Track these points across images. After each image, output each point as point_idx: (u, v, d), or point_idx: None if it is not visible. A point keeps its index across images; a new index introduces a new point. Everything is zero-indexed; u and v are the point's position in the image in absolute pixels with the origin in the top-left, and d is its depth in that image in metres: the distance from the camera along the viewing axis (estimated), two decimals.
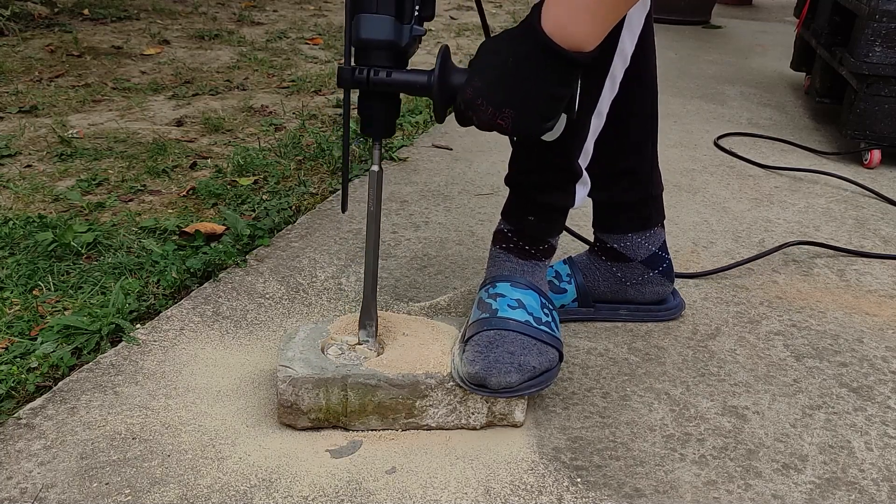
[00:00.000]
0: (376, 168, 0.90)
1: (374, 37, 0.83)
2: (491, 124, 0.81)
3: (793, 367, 1.09)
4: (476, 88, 0.81)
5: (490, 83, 0.80)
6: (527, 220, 0.99)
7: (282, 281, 1.24)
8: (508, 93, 0.79)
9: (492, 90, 0.80)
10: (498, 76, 0.80)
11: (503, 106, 0.80)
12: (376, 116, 0.88)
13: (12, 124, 1.99)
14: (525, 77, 0.79)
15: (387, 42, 0.83)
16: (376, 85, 0.84)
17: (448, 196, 1.62)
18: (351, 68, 0.84)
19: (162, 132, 1.99)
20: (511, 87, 0.79)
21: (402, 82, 0.84)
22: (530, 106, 0.80)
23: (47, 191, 1.59)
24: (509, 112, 0.80)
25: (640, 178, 1.11)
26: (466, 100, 0.81)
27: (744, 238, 1.49)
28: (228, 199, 1.57)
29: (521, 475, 0.86)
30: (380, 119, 0.88)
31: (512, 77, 0.79)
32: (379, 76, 0.84)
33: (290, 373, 0.90)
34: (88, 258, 1.32)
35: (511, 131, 0.82)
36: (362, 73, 0.84)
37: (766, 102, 2.53)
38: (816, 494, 0.86)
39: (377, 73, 0.84)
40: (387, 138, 0.89)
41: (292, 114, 2.18)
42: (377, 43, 0.83)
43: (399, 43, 0.83)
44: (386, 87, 0.85)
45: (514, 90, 0.79)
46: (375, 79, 0.84)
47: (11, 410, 0.93)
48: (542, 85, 0.79)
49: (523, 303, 0.95)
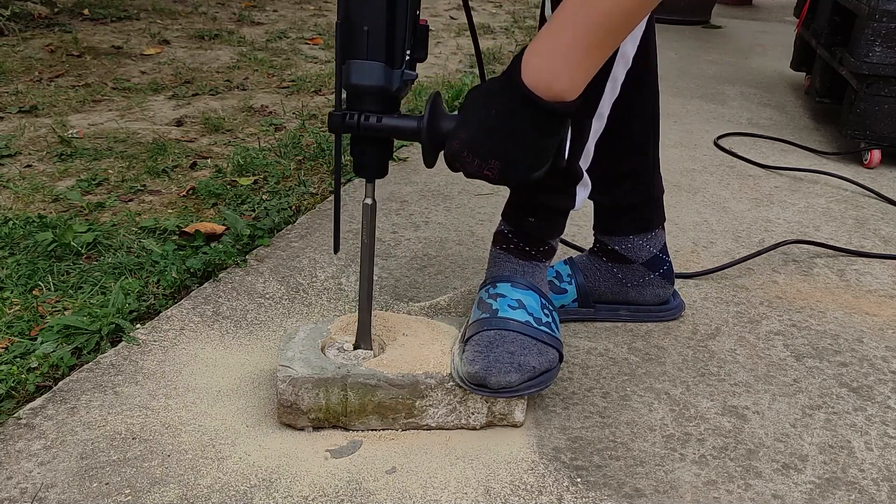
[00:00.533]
0: (369, 201, 0.90)
1: (364, 83, 0.83)
2: (478, 175, 0.82)
3: (793, 366, 1.09)
4: (462, 140, 0.81)
5: (475, 136, 0.80)
6: (527, 221, 0.99)
7: (282, 281, 1.24)
8: (493, 145, 0.79)
9: (477, 143, 0.80)
10: (483, 129, 0.80)
11: (489, 157, 0.80)
12: (368, 159, 0.88)
13: (12, 124, 1.99)
14: (509, 130, 0.79)
15: (377, 88, 0.83)
16: (367, 130, 0.85)
17: (448, 196, 1.62)
18: (342, 113, 0.84)
19: (162, 132, 1.99)
20: (496, 140, 0.79)
21: (392, 128, 0.85)
22: (516, 157, 0.80)
23: (47, 191, 1.59)
24: (496, 163, 0.80)
25: (642, 180, 1.11)
26: (453, 152, 0.82)
27: (744, 238, 1.49)
28: (228, 199, 1.57)
29: (521, 475, 0.86)
30: (372, 162, 0.89)
31: (496, 130, 0.79)
32: (369, 121, 0.84)
33: (289, 373, 0.90)
34: (88, 258, 1.32)
35: (497, 181, 0.82)
36: (353, 118, 0.84)
37: (766, 102, 2.53)
38: (816, 494, 0.86)
39: (368, 118, 0.84)
40: (379, 179, 0.90)
41: (292, 114, 2.18)
42: (368, 89, 0.84)
43: (389, 88, 0.84)
44: (376, 132, 0.85)
45: (499, 143, 0.79)
46: (366, 124, 0.84)
47: (11, 410, 0.93)
48: (527, 137, 0.79)
49: (524, 303, 0.95)
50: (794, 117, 2.37)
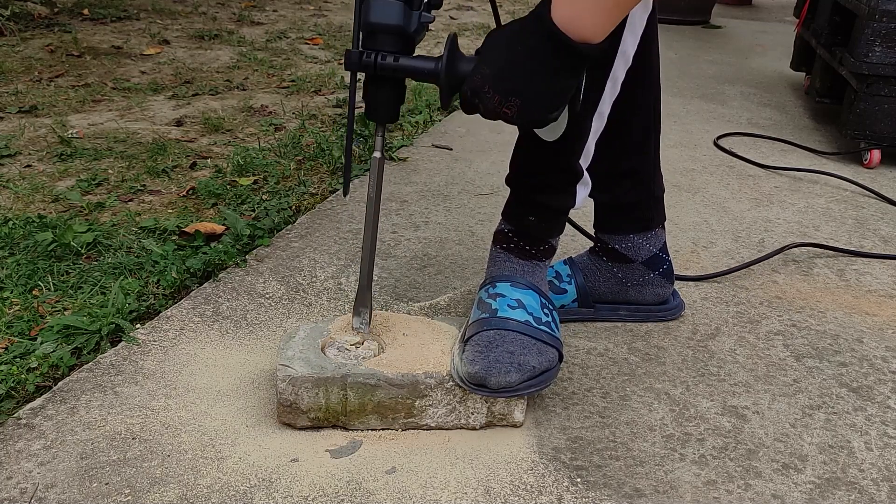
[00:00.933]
0: (378, 154, 0.90)
1: (382, 21, 0.83)
2: (497, 112, 0.82)
3: (793, 367, 1.09)
4: (484, 76, 0.81)
5: (498, 71, 0.80)
6: (527, 220, 0.99)
7: (282, 281, 1.24)
8: (516, 82, 0.80)
9: (499, 78, 0.80)
10: (506, 65, 0.80)
11: (510, 95, 0.80)
12: (381, 101, 0.87)
13: (12, 124, 1.99)
14: (533, 67, 0.79)
15: (395, 27, 0.83)
16: (383, 69, 0.84)
17: (448, 196, 1.62)
18: (359, 52, 0.84)
19: (162, 132, 1.99)
20: (519, 77, 0.79)
21: (410, 68, 0.84)
22: (537, 96, 0.80)
23: (47, 191, 1.59)
24: (515, 101, 0.80)
25: (643, 179, 1.11)
26: (474, 87, 0.82)
27: (744, 238, 1.49)
28: (228, 199, 1.57)
29: (521, 475, 0.86)
30: (384, 104, 0.88)
31: (520, 66, 0.79)
32: (386, 61, 0.84)
33: (289, 372, 0.90)
34: (88, 258, 1.32)
35: (516, 120, 0.82)
36: (370, 57, 0.84)
37: (766, 102, 2.53)
38: (816, 494, 0.86)
39: (384, 57, 0.84)
40: (390, 124, 0.89)
41: (292, 114, 2.18)
42: (386, 27, 0.83)
43: (407, 28, 0.83)
44: (393, 71, 0.84)
45: (522, 79, 0.79)
46: (383, 63, 0.84)
47: (11, 410, 0.93)
48: (550, 75, 0.79)
49: (523, 303, 0.95)
50: (794, 117, 2.37)
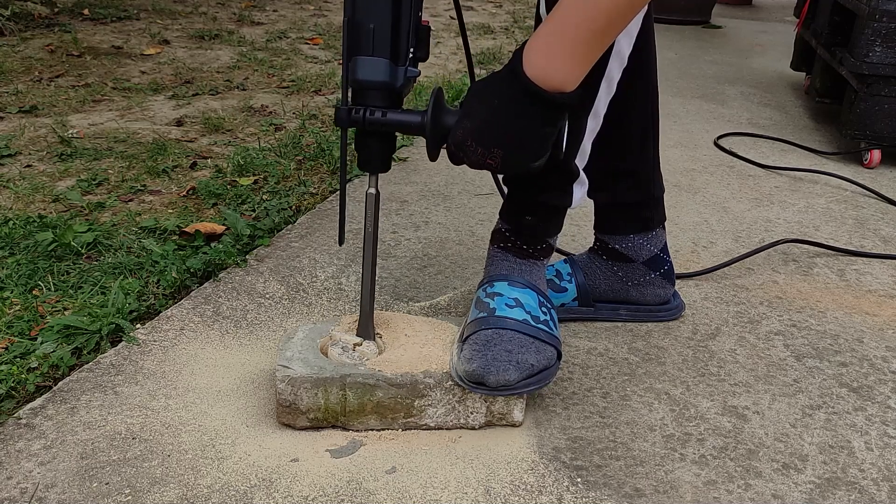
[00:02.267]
0: (373, 191, 0.92)
1: (370, 78, 0.86)
2: (481, 164, 0.85)
3: (793, 366, 1.09)
4: (466, 130, 0.84)
5: (479, 126, 0.83)
6: (524, 219, 0.99)
7: (282, 281, 1.24)
8: (497, 135, 0.83)
9: (481, 132, 0.83)
10: (486, 119, 0.83)
11: (492, 146, 0.83)
12: (373, 154, 0.90)
13: (12, 124, 1.99)
14: (512, 119, 0.82)
15: (382, 83, 0.86)
16: (372, 125, 0.87)
17: (448, 196, 1.62)
18: (347, 108, 0.87)
19: (162, 132, 1.99)
20: (499, 130, 0.82)
21: (397, 122, 0.87)
22: (518, 146, 0.83)
23: (47, 191, 1.59)
24: (498, 152, 0.83)
25: (642, 179, 1.10)
26: (457, 141, 0.85)
27: (744, 238, 1.49)
28: (228, 199, 1.57)
29: (522, 475, 0.86)
30: (376, 156, 0.91)
31: (499, 120, 0.82)
32: (374, 116, 0.87)
33: (288, 372, 0.90)
34: (88, 258, 1.32)
35: (500, 170, 0.86)
36: (358, 112, 0.87)
37: (766, 102, 2.53)
38: (816, 494, 0.86)
39: (373, 112, 0.86)
40: (383, 173, 0.92)
41: (292, 114, 2.18)
42: (373, 84, 0.86)
43: (394, 84, 0.86)
44: (381, 126, 0.87)
45: (502, 132, 0.83)
46: (371, 118, 0.87)
47: (11, 410, 0.93)
48: (529, 126, 0.82)
49: (521, 301, 0.95)
50: (794, 117, 2.37)
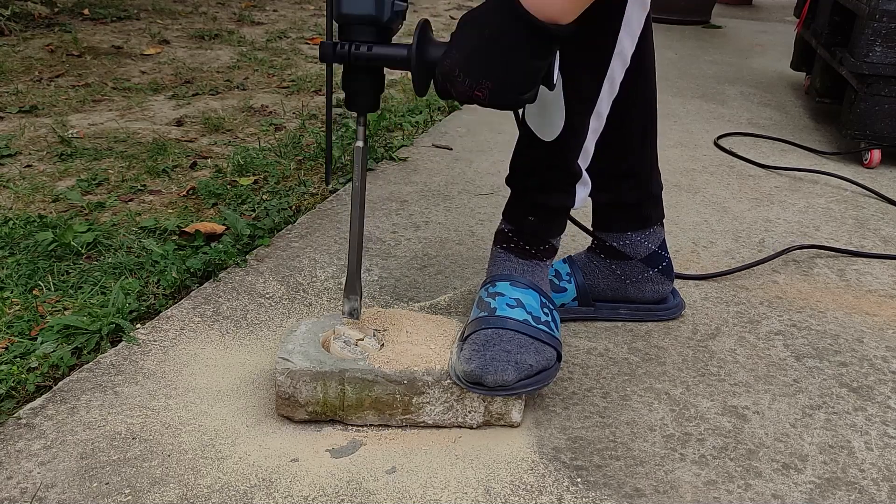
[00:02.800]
0: (360, 143, 0.90)
1: (355, 11, 0.83)
2: (469, 96, 0.81)
3: (793, 366, 1.09)
4: (453, 60, 0.81)
5: (467, 55, 0.80)
6: (527, 220, 0.99)
7: (282, 281, 1.24)
8: (485, 65, 0.79)
9: (469, 62, 0.80)
10: (475, 48, 0.80)
11: (480, 78, 0.80)
12: (360, 91, 0.88)
13: (12, 124, 1.99)
14: (502, 49, 0.79)
15: (368, 17, 0.83)
16: (358, 59, 0.85)
17: (448, 196, 1.62)
18: (332, 43, 0.84)
19: (162, 132, 1.99)
20: (488, 60, 0.79)
21: (383, 56, 0.85)
22: (507, 78, 0.80)
23: (47, 191, 1.59)
24: (486, 84, 0.80)
25: (641, 179, 1.11)
26: (444, 72, 0.82)
27: (744, 238, 1.49)
28: (228, 198, 1.57)
29: (522, 475, 0.86)
30: (364, 94, 0.88)
31: (489, 49, 0.79)
32: (360, 51, 0.84)
33: (288, 365, 0.90)
34: (88, 258, 1.32)
35: (488, 103, 0.82)
36: (344, 48, 0.84)
37: (766, 102, 2.53)
38: (816, 494, 0.86)
39: (358, 47, 0.84)
40: (371, 113, 0.90)
41: (292, 114, 2.18)
42: (359, 18, 0.83)
43: (381, 17, 0.83)
44: (367, 61, 0.85)
45: (491, 62, 0.79)
46: (356, 53, 0.84)
47: (11, 410, 0.93)
48: (519, 57, 0.79)
49: (522, 302, 0.95)
50: (794, 117, 2.37)
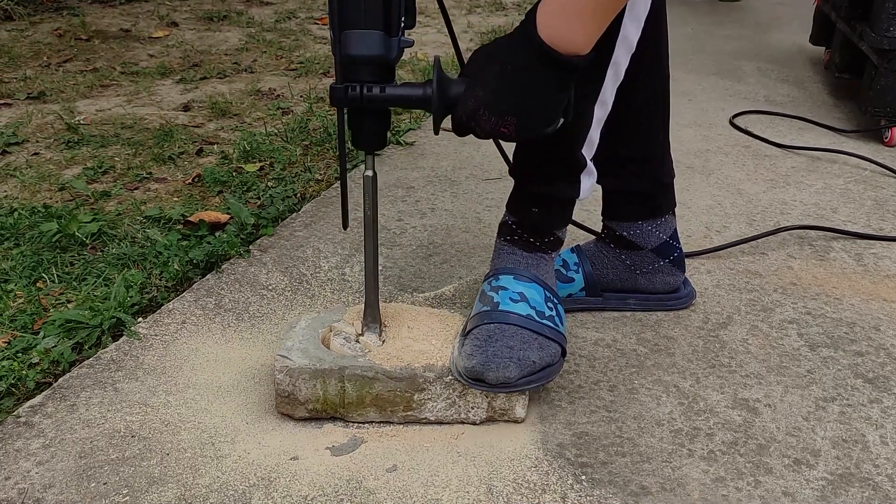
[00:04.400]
0: (370, 173, 0.88)
1: (363, 53, 0.81)
2: (494, 133, 0.82)
3: (807, 357, 1.06)
4: (477, 98, 0.81)
5: (492, 93, 0.80)
6: (531, 212, 0.96)
7: (285, 272, 1.22)
8: (510, 101, 0.80)
9: (494, 100, 0.80)
10: (499, 85, 0.80)
11: (506, 114, 0.80)
12: (368, 131, 0.87)
13: (20, 111, 1.99)
14: (525, 85, 0.79)
15: (377, 57, 0.82)
16: (371, 101, 0.83)
17: (455, 181, 1.59)
18: (343, 87, 0.83)
19: (169, 117, 1.97)
20: (513, 97, 0.80)
21: (398, 97, 0.84)
22: (532, 112, 0.81)
23: (53, 179, 1.59)
24: (512, 120, 0.81)
25: (651, 165, 1.07)
26: (469, 111, 0.81)
27: (758, 222, 1.45)
28: (234, 186, 1.55)
29: (525, 473, 0.84)
30: (372, 133, 0.87)
31: (513, 86, 0.80)
32: (373, 92, 0.83)
33: (287, 363, 0.89)
34: (93, 249, 1.31)
35: (515, 138, 0.83)
36: (355, 90, 0.83)
37: (784, 78, 2.47)
38: (829, 491, 0.84)
39: (370, 89, 0.83)
40: (378, 151, 0.88)
41: (300, 97, 2.16)
42: (367, 59, 0.82)
43: (388, 57, 0.82)
44: (382, 102, 0.84)
45: (516, 98, 0.80)
46: (369, 95, 0.83)
47: (11, 408, 0.92)
48: (543, 91, 0.80)
49: (526, 296, 0.93)
50: (812, 94, 2.31)
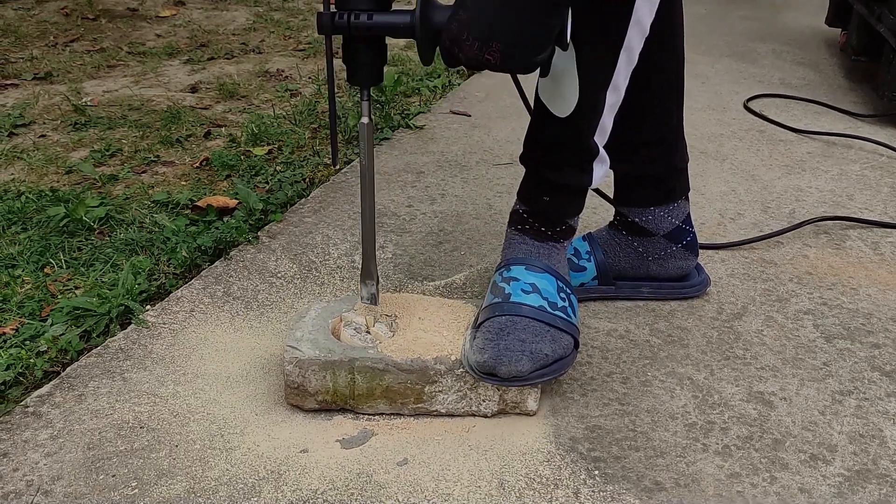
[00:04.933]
0: (366, 120, 0.86)
1: None
2: (479, 60, 0.77)
3: (822, 348, 1.05)
4: (461, 22, 0.76)
5: (475, 16, 0.75)
6: (542, 200, 0.95)
7: (294, 259, 1.21)
8: (494, 25, 0.75)
9: (477, 23, 0.75)
10: (483, 8, 0.75)
11: (490, 40, 0.75)
12: (361, 63, 0.83)
13: (27, 91, 1.97)
14: (512, 7, 0.74)
15: None
16: (357, 29, 0.80)
17: (466, 166, 1.57)
18: (331, 13, 0.80)
19: (176, 99, 1.95)
20: (497, 19, 0.75)
21: (385, 24, 0.80)
22: (518, 38, 0.76)
23: (61, 162, 1.57)
24: (497, 45, 0.75)
25: (664, 150, 1.05)
26: (452, 36, 0.77)
27: (773, 209, 1.43)
28: (242, 170, 1.54)
29: (537, 467, 0.83)
30: (365, 66, 0.83)
31: (498, 9, 0.75)
32: (360, 20, 0.79)
33: (296, 354, 0.88)
34: (101, 234, 1.30)
35: (500, 66, 0.77)
36: (343, 17, 0.80)
37: (800, 61, 2.43)
38: (845, 488, 0.82)
39: (358, 16, 0.79)
40: (375, 86, 0.85)
41: (308, 78, 2.14)
42: None
43: None
44: (367, 30, 0.80)
45: (501, 22, 0.75)
46: (356, 22, 0.79)
47: (19, 398, 0.92)
48: (530, 15, 0.74)
49: (538, 287, 0.92)
50: (828, 77, 2.28)
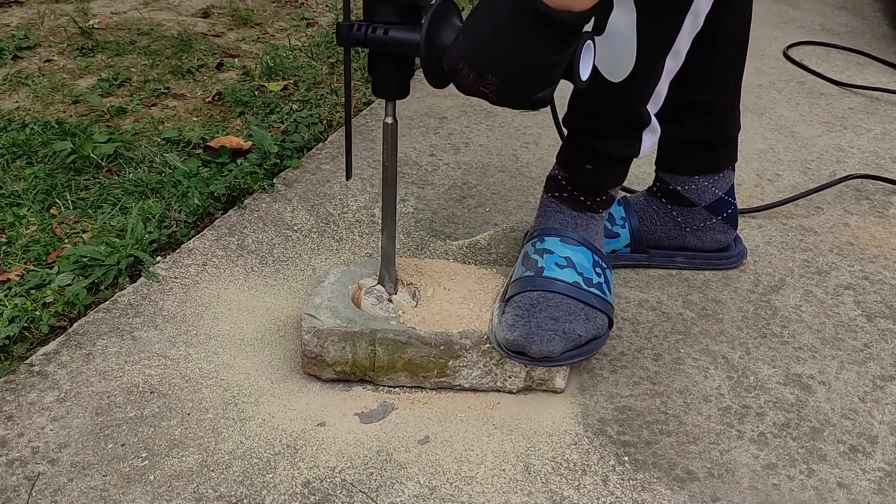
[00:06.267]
0: (390, 120, 0.80)
1: None
2: (473, 91, 0.71)
3: (863, 328, 1.00)
4: (459, 51, 0.70)
5: (471, 45, 0.70)
6: (584, 168, 0.88)
7: (311, 210, 1.15)
8: (492, 59, 0.69)
9: (474, 55, 0.69)
10: (482, 39, 0.69)
11: (486, 72, 0.69)
12: (385, 77, 0.78)
13: (32, 11, 1.88)
14: (510, 41, 0.68)
15: None
16: (373, 43, 0.75)
17: (491, 112, 1.49)
18: (349, 24, 0.74)
19: (187, 24, 1.86)
20: (495, 53, 0.69)
21: (395, 41, 0.74)
22: (516, 73, 0.69)
23: (67, 90, 1.51)
24: (492, 79, 0.69)
25: (718, 116, 0.98)
26: (450, 63, 0.72)
27: (813, 170, 1.36)
28: (256, 107, 1.47)
29: (564, 450, 0.80)
30: (389, 80, 0.78)
31: (496, 41, 0.68)
32: (376, 34, 0.74)
33: (315, 323, 0.83)
34: (109, 172, 1.25)
35: (496, 101, 0.72)
36: (360, 29, 0.74)
37: (842, 5, 2.31)
38: (886, 484, 0.79)
39: (375, 29, 0.74)
40: (400, 99, 0.79)
41: (325, 6, 2.04)
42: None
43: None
44: (381, 45, 0.75)
45: (499, 56, 0.69)
46: (372, 36, 0.74)
47: (24, 355, 0.88)
48: (529, 50, 0.68)
49: (573, 261, 0.86)
50: (872, 24, 2.16)
